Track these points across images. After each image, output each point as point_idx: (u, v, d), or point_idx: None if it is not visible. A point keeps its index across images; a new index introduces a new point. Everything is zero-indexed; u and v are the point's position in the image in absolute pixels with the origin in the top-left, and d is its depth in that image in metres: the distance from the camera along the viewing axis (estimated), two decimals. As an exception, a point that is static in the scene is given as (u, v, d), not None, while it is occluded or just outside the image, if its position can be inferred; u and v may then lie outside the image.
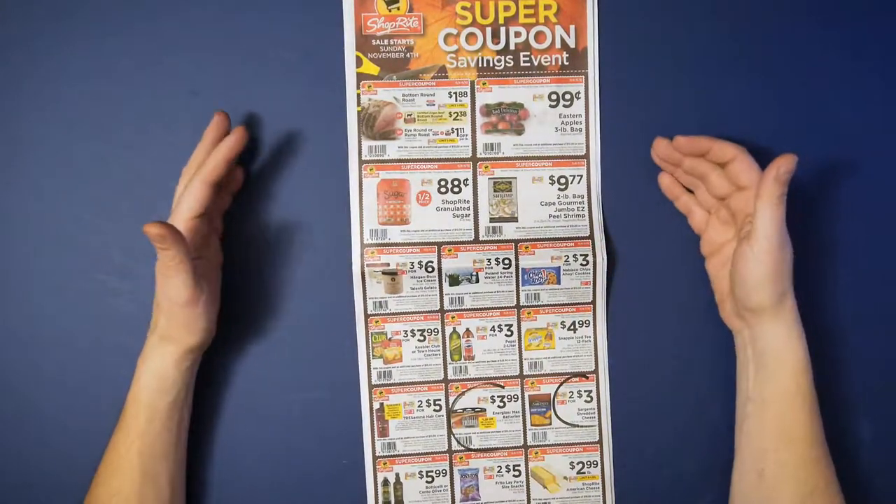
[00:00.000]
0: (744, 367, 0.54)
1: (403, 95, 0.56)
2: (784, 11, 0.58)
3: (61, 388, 0.56)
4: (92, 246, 0.56)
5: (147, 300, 0.52)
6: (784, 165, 0.48)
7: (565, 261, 0.57)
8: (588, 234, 0.57)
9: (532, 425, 0.59)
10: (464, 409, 0.58)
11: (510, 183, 0.57)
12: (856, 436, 0.60)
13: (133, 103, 0.55)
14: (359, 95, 0.56)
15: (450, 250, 0.57)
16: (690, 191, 0.57)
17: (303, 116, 0.56)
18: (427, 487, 0.58)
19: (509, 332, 0.58)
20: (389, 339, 0.57)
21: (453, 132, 0.57)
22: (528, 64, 0.57)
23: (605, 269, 0.57)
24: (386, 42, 0.56)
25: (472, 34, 0.56)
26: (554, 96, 0.57)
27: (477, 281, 0.57)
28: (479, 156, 0.57)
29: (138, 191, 0.56)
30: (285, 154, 0.56)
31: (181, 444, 0.53)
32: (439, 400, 0.58)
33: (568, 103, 0.57)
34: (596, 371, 0.59)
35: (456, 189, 0.57)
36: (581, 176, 0.57)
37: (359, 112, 0.56)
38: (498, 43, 0.56)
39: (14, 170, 0.55)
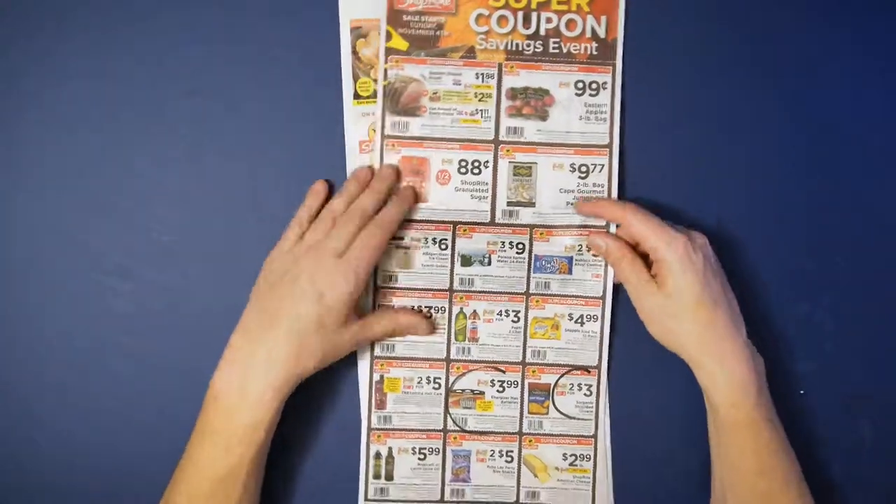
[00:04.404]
0: None
1: (430, 73, 0.56)
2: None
3: (60, 388, 0.56)
4: (92, 246, 0.56)
5: (147, 300, 0.52)
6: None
7: (578, 251, 0.57)
8: (604, 224, 0.57)
9: (529, 413, 0.58)
10: (463, 391, 0.58)
11: (530, 168, 0.57)
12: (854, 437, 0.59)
13: (132, 103, 0.55)
14: (386, 70, 0.56)
15: (465, 230, 0.57)
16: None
17: (303, 114, 0.56)
18: (419, 465, 0.58)
19: (516, 318, 0.58)
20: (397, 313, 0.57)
21: (477, 113, 0.57)
22: (557, 51, 0.56)
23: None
24: (417, 18, 0.56)
25: (503, 17, 0.56)
26: (580, 84, 0.57)
27: (489, 264, 0.57)
28: (501, 139, 0.57)
29: (138, 191, 0.56)
30: (285, 153, 0.57)
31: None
32: (439, 378, 0.58)
33: (594, 92, 0.57)
34: (598, 367, 0.58)
35: (476, 170, 0.57)
36: (602, 165, 0.57)
37: (385, 86, 0.56)
38: (528, 27, 0.56)
39: (14, 170, 0.55)
